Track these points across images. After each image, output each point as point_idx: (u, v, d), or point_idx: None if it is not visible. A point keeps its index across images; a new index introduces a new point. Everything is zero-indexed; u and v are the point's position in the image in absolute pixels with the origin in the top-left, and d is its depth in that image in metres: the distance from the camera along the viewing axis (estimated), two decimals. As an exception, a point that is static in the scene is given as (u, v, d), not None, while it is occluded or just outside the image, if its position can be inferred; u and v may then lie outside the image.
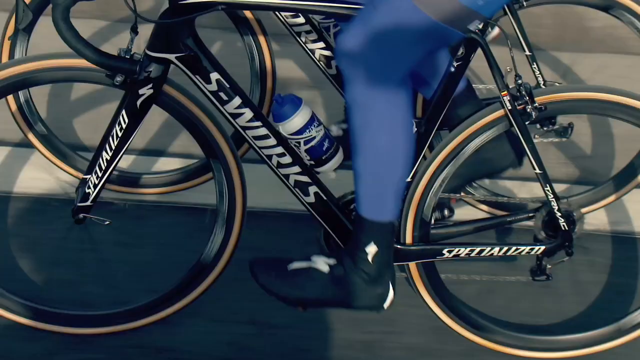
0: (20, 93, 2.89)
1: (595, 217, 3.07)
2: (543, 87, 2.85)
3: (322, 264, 2.41)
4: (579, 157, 3.41)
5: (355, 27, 2.15)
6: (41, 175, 3.12)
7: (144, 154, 3.30)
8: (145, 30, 2.28)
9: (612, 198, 3.07)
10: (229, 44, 3.49)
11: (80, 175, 2.88)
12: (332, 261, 2.42)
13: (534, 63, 2.84)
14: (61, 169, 3.05)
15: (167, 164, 3.23)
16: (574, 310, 2.80)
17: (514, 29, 2.80)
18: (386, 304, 2.43)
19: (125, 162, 3.11)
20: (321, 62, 2.82)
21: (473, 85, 2.63)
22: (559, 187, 3.10)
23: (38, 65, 2.32)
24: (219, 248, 2.53)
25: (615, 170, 3.27)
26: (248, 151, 2.42)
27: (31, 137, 2.99)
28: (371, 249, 2.36)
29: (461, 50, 2.29)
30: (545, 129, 2.69)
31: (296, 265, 2.43)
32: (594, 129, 3.43)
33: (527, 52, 2.83)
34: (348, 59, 2.18)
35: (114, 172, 2.45)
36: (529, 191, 3.09)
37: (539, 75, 2.86)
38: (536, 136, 2.33)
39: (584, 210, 3.01)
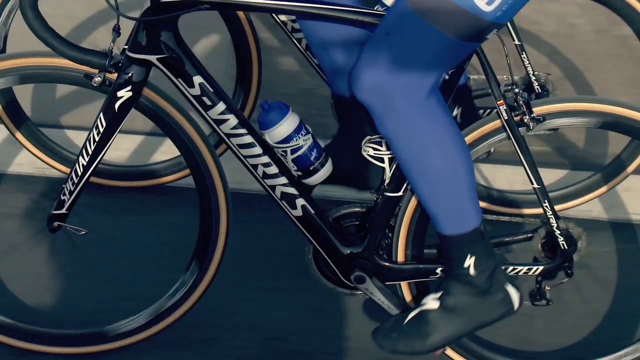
0: (5, 92, 2.86)
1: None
2: (532, 77, 2.85)
3: (431, 302, 2.32)
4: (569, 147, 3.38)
5: (370, 57, 2.08)
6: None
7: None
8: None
9: (601, 190, 3.04)
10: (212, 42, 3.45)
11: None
12: (439, 294, 2.31)
13: (523, 52, 2.82)
14: (51, 166, 3.02)
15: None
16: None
17: None
18: (515, 305, 2.32)
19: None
20: (308, 52, 2.76)
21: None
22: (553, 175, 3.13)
23: (9, 65, 2.24)
24: (207, 254, 2.44)
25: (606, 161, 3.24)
26: (227, 151, 2.35)
27: (19, 136, 2.96)
28: (470, 262, 2.24)
29: (456, 58, 2.20)
30: None
31: (410, 316, 2.33)
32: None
33: (517, 42, 2.81)
34: (371, 92, 2.09)
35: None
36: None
37: (528, 64, 2.84)
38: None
39: (572, 203, 3.04)
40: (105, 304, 2.66)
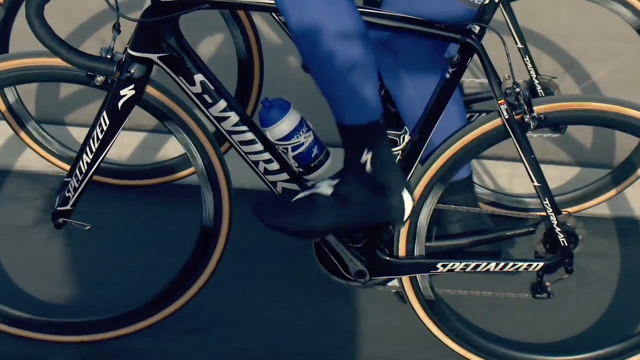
0: (9, 91, 2.87)
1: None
2: (536, 80, 2.81)
3: (325, 187, 2.26)
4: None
5: None
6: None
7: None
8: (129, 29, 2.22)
9: (611, 193, 3.00)
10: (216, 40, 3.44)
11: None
12: (335, 182, 2.26)
13: (527, 56, 2.79)
14: (55, 165, 3.03)
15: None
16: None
17: (506, 21, 2.75)
18: (405, 215, 2.26)
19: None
20: None
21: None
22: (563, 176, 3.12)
23: (14, 64, 2.25)
24: (206, 256, 2.46)
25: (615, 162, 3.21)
26: (230, 148, 2.35)
27: (23, 135, 2.96)
28: (367, 157, 2.19)
29: (456, 57, 2.20)
30: None
31: (299, 195, 2.28)
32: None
33: (520, 45, 2.78)
34: None
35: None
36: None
37: (532, 68, 2.81)
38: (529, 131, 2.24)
39: (580, 207, 3.01)
40: (104, 297, 2.70)
